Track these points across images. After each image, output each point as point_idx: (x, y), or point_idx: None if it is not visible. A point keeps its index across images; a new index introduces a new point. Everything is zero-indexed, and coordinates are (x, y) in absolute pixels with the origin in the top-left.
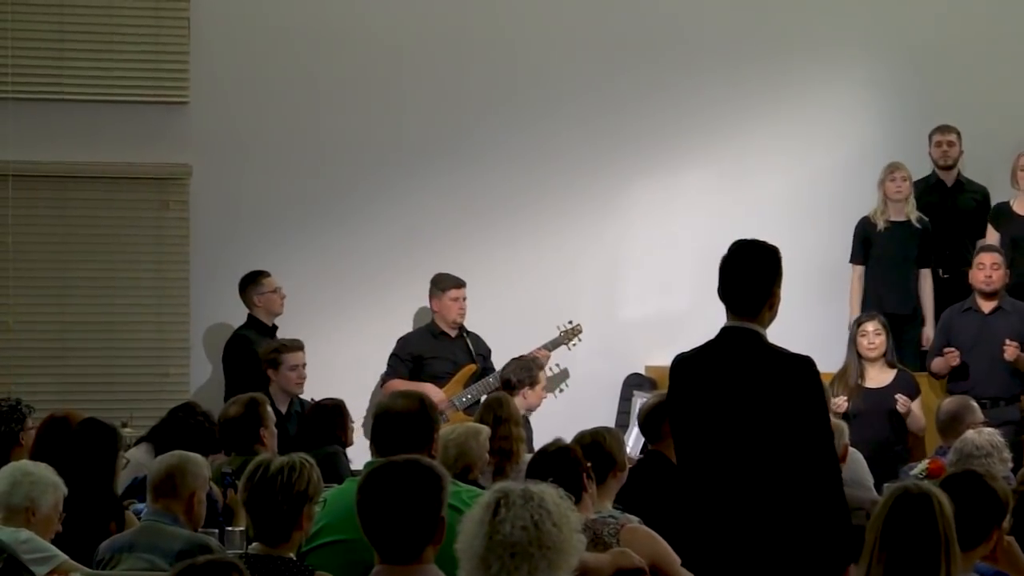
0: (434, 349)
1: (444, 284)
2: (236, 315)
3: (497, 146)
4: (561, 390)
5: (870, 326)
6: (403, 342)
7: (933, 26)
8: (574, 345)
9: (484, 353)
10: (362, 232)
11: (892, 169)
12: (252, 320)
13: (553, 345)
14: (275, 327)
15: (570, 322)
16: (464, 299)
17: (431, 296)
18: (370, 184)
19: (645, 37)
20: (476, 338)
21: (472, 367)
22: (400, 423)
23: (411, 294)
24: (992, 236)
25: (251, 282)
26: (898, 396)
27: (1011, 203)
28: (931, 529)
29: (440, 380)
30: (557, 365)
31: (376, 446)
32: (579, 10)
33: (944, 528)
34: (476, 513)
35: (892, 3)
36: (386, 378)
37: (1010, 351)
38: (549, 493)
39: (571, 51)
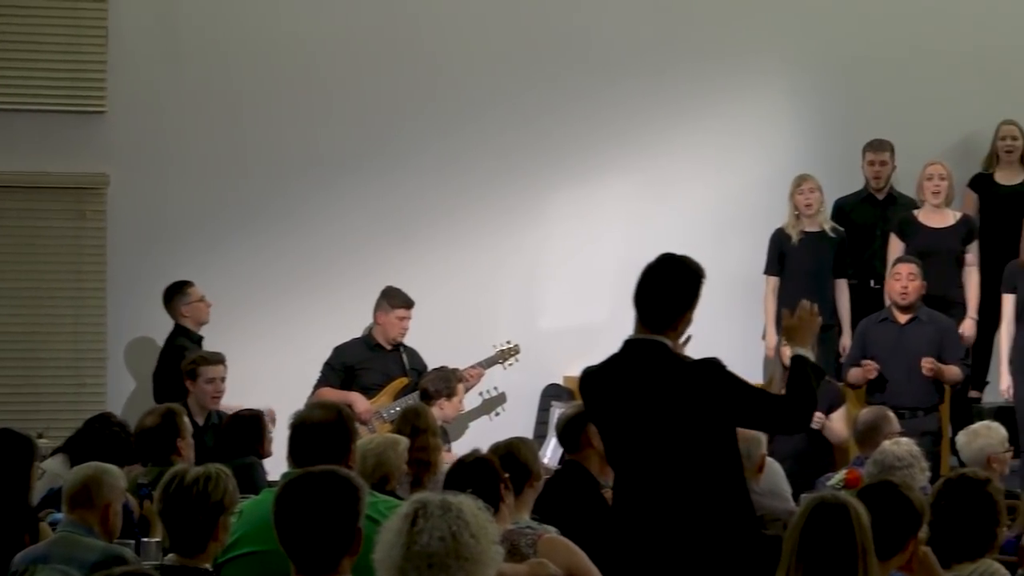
0: (367, 360)
1: (395, 301)
2: (156, 326)
3: (418, 155)
4: (497, 413)
5: None
6: (337, 352)
7: (856, 37)
8: (510, 365)
9: (419, 368)
10: (283, 242)
11: (800, 181)
12: (180, 329)
13: (488, 363)
14: (201, 337)
15: (508, 342)
16: (408, 319)
17: (378, 308)
18: (290, 194)
19: (565, 46)
20: (412, 353)
21: (403, 380)
22: (317, 434)
23: (331, 303)
24: (897, 247)
25: (176, 292)
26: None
27: (916, 215)
28: (848, 539)
29: (371, 391)
30: (495, 388)
31: (293, 457)
32: (499, 19)
33: (861, 538)
34: (394, 523)
35: (815, 14)
36: (317, 386)
37: (927, 368)
38: (467, 504)
39: (491, 60)
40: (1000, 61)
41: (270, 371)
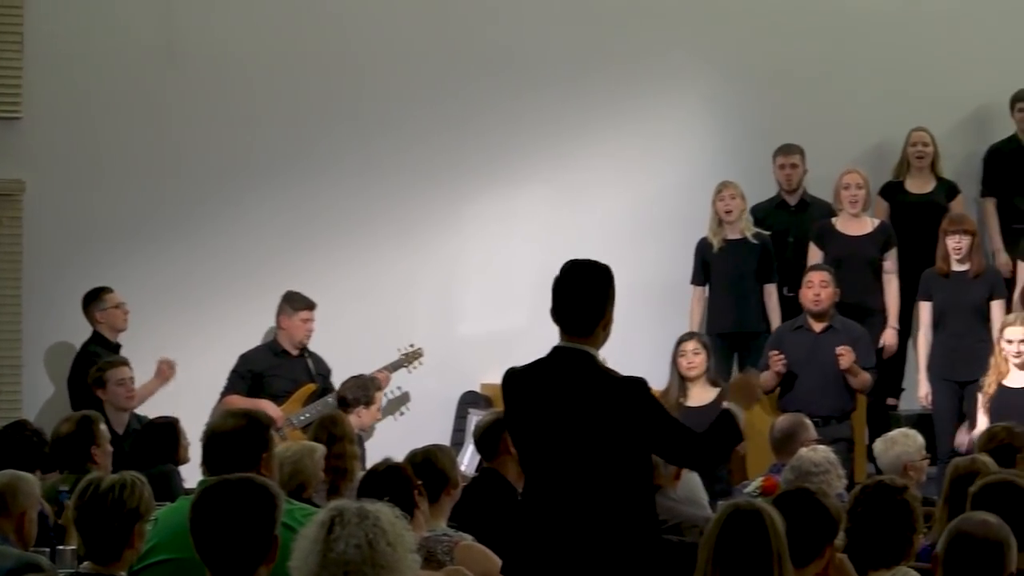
0: (274, 367)
1: (297, 304)
2: (74, 332)
3: (338, 162)
4: (402, 413)
5: (689, 345)
6: (243, 359)
7: (773, 44)
8: (414, 368)
9: (324, 373)
10: (204, 249)
11: (721, 188)
12: (97, 336)
13: (393, 367)
14: (119, 344)
15: (411, 345)
16: (313, 321)
17: (280, 312)
18: (208, 201)
19: (483, 53)
20: (317, 358)
21: (311, 386)
22: (229, 442)
23: (253, 309)
24: (815, 255)
25: (93, 299)
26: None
27: (834, 222)
28: (763, 546)
29: (279, 398)
30: (398, 388)
31: (207, 465)
32: (418, 26)
33: (776, 545)
34: (310, 531)
35: (731, 22)
36: (224, 394)
37: (845, 359)
38: (385, 512)
39: (410, 68)
40: (912, 69)
41: (191, 378)
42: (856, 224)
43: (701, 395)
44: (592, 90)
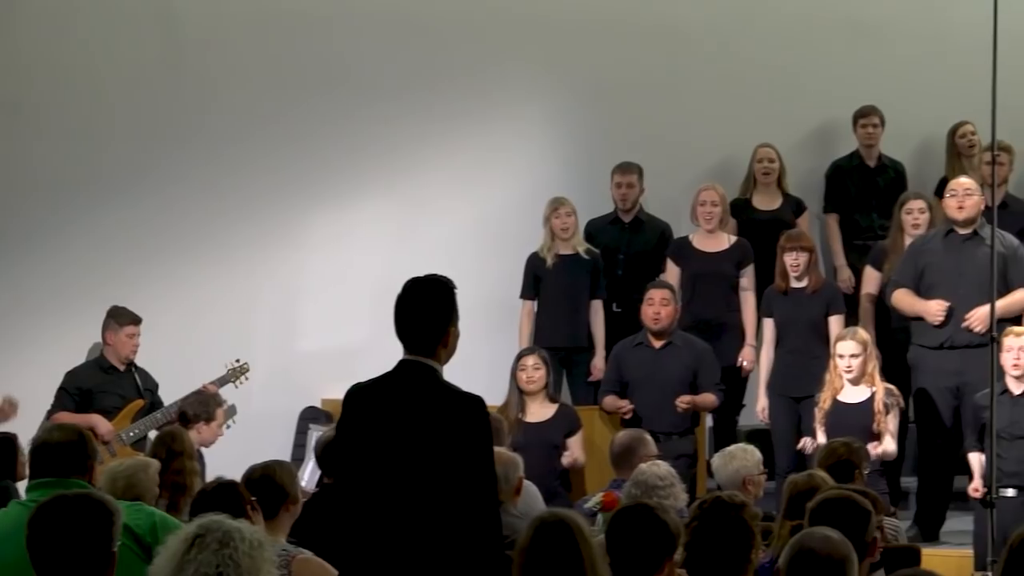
0: (103, 383)
1: (122, 319)
2: None
3: (180, 180)
4: (228, 426)
5: (529, 360)
6: (71, 376)
7: (614, 60)
8: (240, 383)
9: (151, 388)
10: (40, 264)
11: (556, 205)
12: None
13: (221, 382)
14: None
15: (237, 360)
16: (138, 335)
17: (106, 328)
18: (51, 215)
19: (322, 67)
20: (144, 373)
21: (140, 402)
22: (56, 454)
23: (87, 326)
24: (672, 272)
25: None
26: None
27: (691, 238)
28: (573, 555)
29: (109, 415)
30: (226, 400)
31: (34, 479)
32: (257, 43)
33: (587, 553)
34: (173, 544)
35: (572, 37)
36: (52, 412)
37: (682, 406)
38: (247, 542)
39: (250, 84)
40: (756, 84)
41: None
42: (712, 241)
43: (540, 411)
44: (431, 105)
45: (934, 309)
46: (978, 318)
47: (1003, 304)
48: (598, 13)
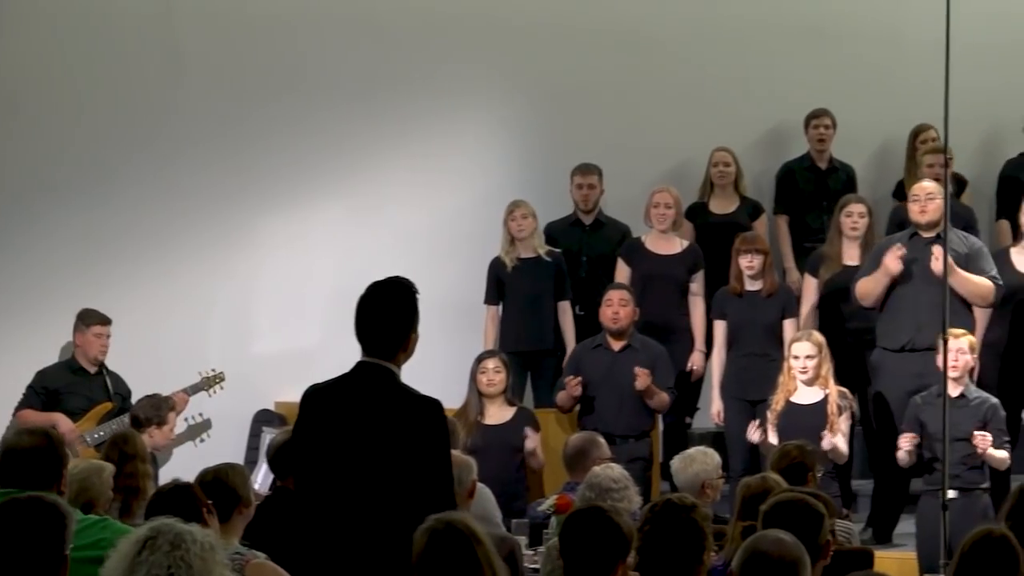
0: (70, 384)
1: (89, 320)
2: None
3: (136, 183)
4: (202, 440)
5: (490, 363)
6: (39, 375)
7: (571, 62)
8: (214, 393)
9: (123, 393)
10: (4, 266)
11: (513, 208)
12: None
13: (193, 390)
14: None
15: (213, 369)
16: (107, 336)
17: (75, 330)
18: (10, 219)
19: (280, 70)
20: (116, 378)
21: (108, 405)
22: (26, 460)
23: (51, 329)
24: (623, 273)
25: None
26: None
27: (643, 240)
28: (469, 559)
29: (74, 416)
30: (200, 414)
31: (2, 484)
32: (210, 46)
33: (482, 555)
34: (125, 546)
35: (529, 39)
36: (18, 409)
37: (640, 380)
38: (199, 544)
39: (204, 87)
40: (713, 87)
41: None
42: (665, 243)
43: (499, 413)
44: (387, 107)
45: (890, 260)
46: (935, 254)
47: (960, 275)
48: (555, 17)
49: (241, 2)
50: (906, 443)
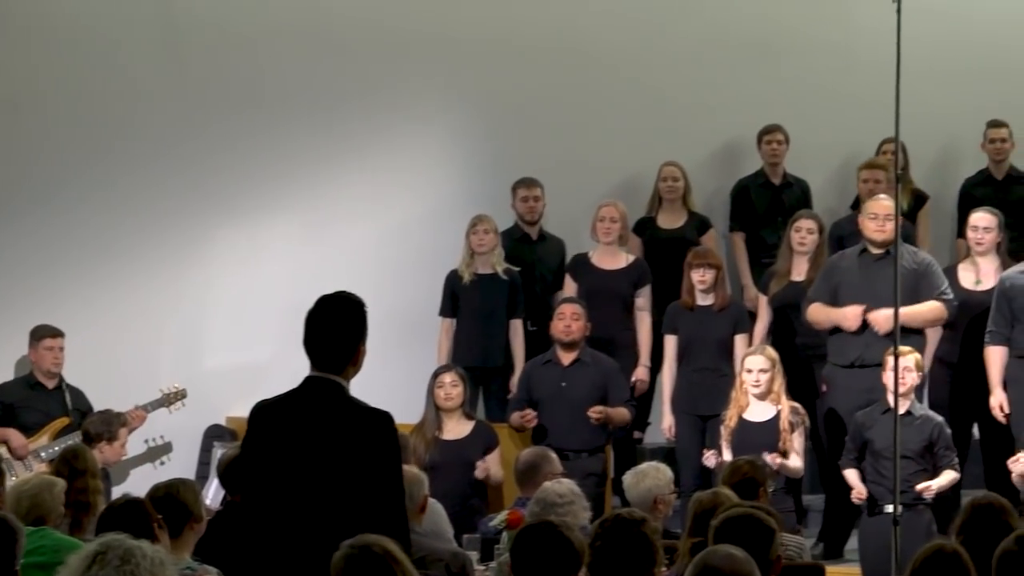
0: (26, 399)
1: (39, 333)
2: None
3: (88, 199)
4: (162, 463)
5: (447, 377)
6: None
7: (520, 78)
8: (176, 409)
9: (83, 408)
10: None
11: (476, 222)
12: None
13: (153, 406)
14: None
15: (175, 385)
16: (60, 349)
17: (29, 346)
18: None
19: (234, 85)
20: (77, 392)
21: (65, 420)
22: None
23: (7, 346)
24: (570, 287)
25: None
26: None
27: (590, 255)
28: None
29: (30, 431)
30: (161, 437)
31: None
32: (164, 62)
33: (400, 572)
34: (74, 561)
35: (479, 54)
36: None
37: (594, 417)
38: (148, 556)
39: (157, 103)
40: (662, 103)
41: None
42: (610, 258)
43: (457, 428)
44: (339, 122)
45: (849, 315)
46: (882, 318)
47: (909, 311)
48: (507, 34)
49: (197, 17)
50: (856, 496)
